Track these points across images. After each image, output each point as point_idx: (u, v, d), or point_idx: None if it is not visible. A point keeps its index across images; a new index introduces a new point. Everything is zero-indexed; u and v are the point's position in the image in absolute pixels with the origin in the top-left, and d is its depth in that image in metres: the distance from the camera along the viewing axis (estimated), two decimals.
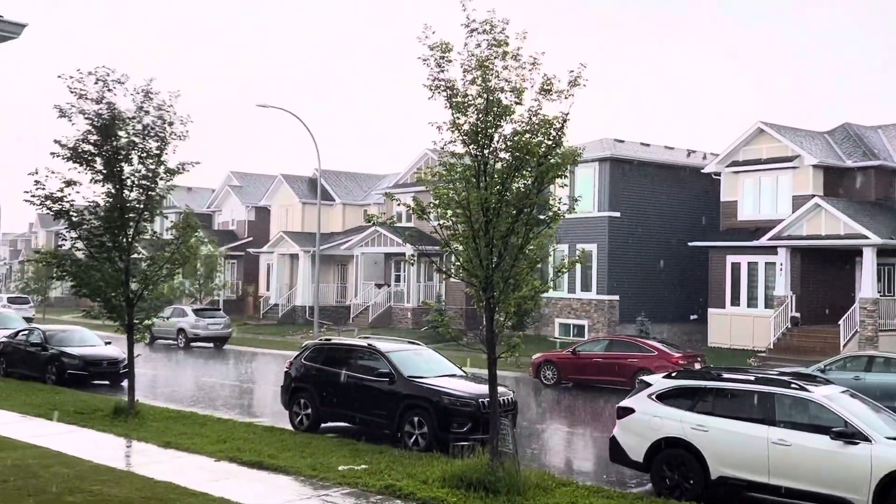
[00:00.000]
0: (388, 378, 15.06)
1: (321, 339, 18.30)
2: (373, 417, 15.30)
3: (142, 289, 17.07)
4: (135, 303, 17.02)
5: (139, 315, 17.35)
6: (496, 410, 12.11)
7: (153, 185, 16.87)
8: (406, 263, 41.89)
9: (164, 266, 17.50)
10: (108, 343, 24.49)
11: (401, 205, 12.32)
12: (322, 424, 16.23)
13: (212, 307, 43.73)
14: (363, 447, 14.10)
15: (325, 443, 14.64)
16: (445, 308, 36.71)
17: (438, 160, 12.43)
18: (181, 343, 36.56)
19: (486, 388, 12.65)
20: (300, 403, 16.33)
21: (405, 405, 14.66)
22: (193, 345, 36.44)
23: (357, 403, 15.52)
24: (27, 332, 24.98)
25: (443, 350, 20.42)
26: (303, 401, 16.29)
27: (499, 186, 11.44)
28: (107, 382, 23.28)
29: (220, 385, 24.37)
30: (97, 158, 16.49)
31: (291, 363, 17.11)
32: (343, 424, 16.15)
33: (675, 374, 12.91)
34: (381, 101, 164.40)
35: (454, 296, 39.79)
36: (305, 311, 46.66)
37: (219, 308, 45.21)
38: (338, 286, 51.02)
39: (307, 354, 16.92)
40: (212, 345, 36.76)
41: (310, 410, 16.16)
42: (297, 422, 16.29)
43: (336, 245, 47.48)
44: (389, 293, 44.83)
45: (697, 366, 21.94)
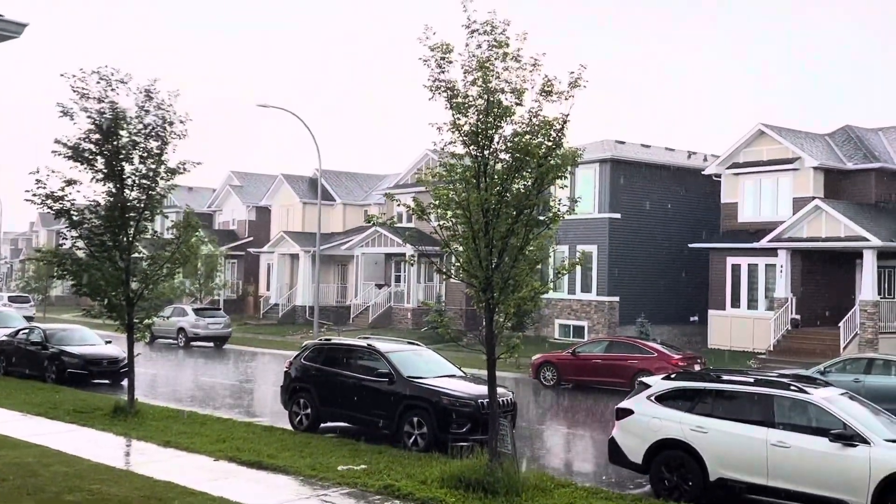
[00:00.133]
0: (388, 378, 15.07)
1: (321, 340, 18.31)
2: (372, 417, 15.31)
3: (142, 288, 17.09)
4: (135, 302, 17.04)
5: (139, 314, 17.36)
6: (495, 411, 12.12)
7: (154, 185, 16.88)
8: (406, 264, 41.94)
9: (165, 265, 17.51)
10: (109, 342, 24.50)
11: (401, 205, 12.33)
12: (321, 424, 16.24)
13: (212, 307, 43.75)
14: (362, 447, 14.12)
15: (325, 443, 14.65)
16: (445, 309, 36.73)
17: (439, 161, 12.44)
18: (181, 342, 36.57)
19: (486, 389, 12.66)
20: (300, 403, 16.34)
21: (404, 405, 14.67)
22: (193, 344, 36.46)
23: (356, 403, 15.53)
24: (28, 331, 25.01)
25: (443, 351, 20.43)
26: (302, 401, 16.30)
27: (499, 187, 11.45)
28: (107, 381, 23.30)
29: (220, 385, 24.38)
30: (98, 158, 16.50)
31: (291, 363, 17.13)
32: (342, 424, 16.16)
33: (675, 376, 12.93)
34: (383, 102, 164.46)
35: (454, 296, 39.80)
36: (305, 311, 46.67)
37: (219, 308, 45.23)
38: (338, 286, 51.03)
39: (307, 354, 16.93)
40: (212, 344, 36.77)
41: (309, 410, 16.17)
42: (297, 422, 16.30)
43: (336, 245, 47.50)
44: (390, 293, 44.84)
45: (697, 367, 21.93)
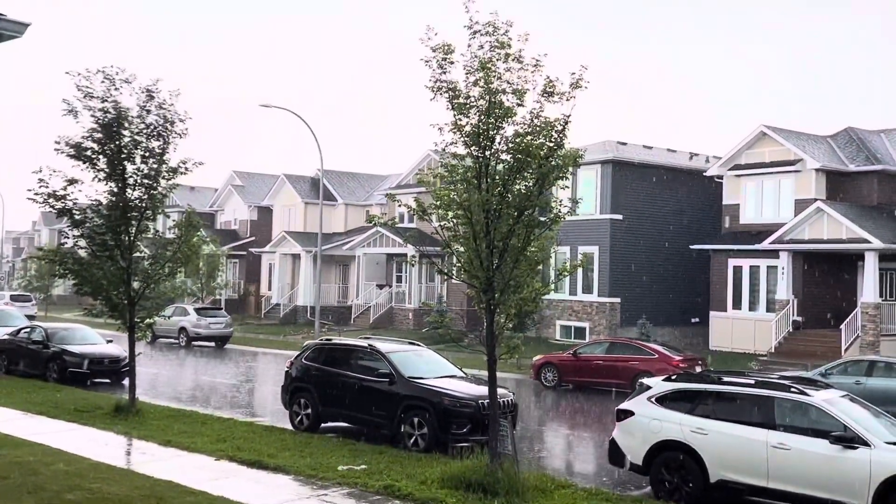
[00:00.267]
0: (389, 379, 15.07)
1: (322, 340, 18.32)
2: (372, 418, 15.31)
3: (143, 287, 17.10)
4: (136, 301, 17.05)
5: (141, 314, 17.37)
6: (496, 412, 12.12)
7: (155, 184, 16.89)
8: (408, 264, 41.94)
9: (166, 265, 17.53)
10: (110, 341, 24.52)
11: (402, 206, 12.35)
12: (322, 424, 16.25)
13: (213, 306, 43.78)
14: (363, 447, 14.12)
15: (325, 443, 14.66)
16: (447, 309, 36.71)
17: (440, 161, 12.45)
18: (182, 342, 36.60)
19: (486, 390, 12.66)
20: (300, 403, 16.35)
21: (405, 406, 14.68)
22: (195, 344, 36.48)
23: (357, 404, 15.53)
24: (29, 330, 25.04)
25: (444, 351, 20.46)
26: (303, 400, 16.31)
27: (500, 188, 11.45)
28: (108, 381, 23.31)
29: (221, 384, 24.39)
30: (100, 157, 16.52)
31: (292, 363, 17.14)
32: (343, 424, 16.18)
33: (675, 378, 12.92)
34: (385, 102, 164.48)
35: (456, 297, 39.79)
36: (307, 311, 46.68)
37: (220, 307, 45.26)
38: (339, 286, 51.05)
39: (308, 354, 16.94)
40: (213, 344, 36.79)
41: (310, 410, 16.18)
42: (297, 421, 16.31)
43: (338, 245, 47.52)
44: (391, 294, 44.85)
45: (698, 369, 21.92)
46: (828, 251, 30.13)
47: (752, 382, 11.85)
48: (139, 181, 16.74)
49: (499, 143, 11.57)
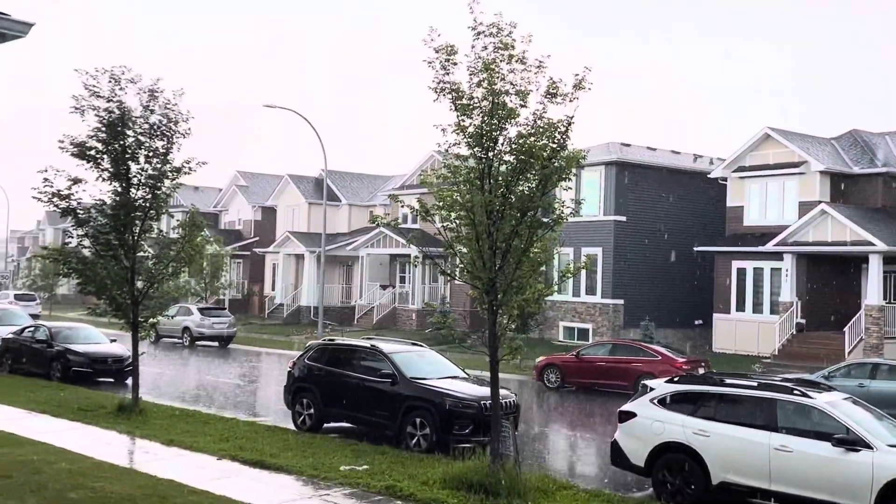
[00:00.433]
0: (391, 379, 15.08)
1: (324, 340, 18.34)
2: (375, 418, 15.33)
3: (147, 287, 17.14)
4: (140, 301, 17.09)
5: (144, 313, 17.41)
6: (497, 413, 12.12)
7: (159, 184, 16.92)
8: (411, 265, 41.96)
9: (170, 265, 17.57)
10: (114, 341, 24.56)
11: (405, 206, 12.36)
12: (324, 424, 16.26)
13: (217, 306, 43.83)
14: (365, 447, 14.13)
15: (328, 443, 14.67)
16: (450, 310, 36.71)
17: (443, 162, 12.46)
18: (186, 342, 36.65)
19: (489, 391, 12.66)
20: (303, 403, 16.36)
21: (407, 406, 14.68)
22: (198, 343, 36.52)
23: (359, 404, 15.55)
24: (33, 329, 25.08)
25: (447, 352, 20.46)
26: (305, 401, 16.33)
27: (503, 189, 11.46)
28: (111, 380, 23.35)
29: (224, 384, 24.42)
30: (104, 157, 16.56)
31: (295, 363, 17.16)
32: (345, 425, 16.19)
33: (678, 379, 12.90)
34: (389, 102, 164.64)
35: (459, 298, 39.79)
36: (310, 312, 46.71)
37: (224, 307, 45.29)
38: (343, 287, 51.07)
39: (310, 354, 16.96)
40: (216, 344, 36.83)
41: (312, 410, 16.19)
42: (300, 421, 16.32)
43: (341, 246, 47.54)
44: (394, 294, 44.86)
45: (701, 371, 21.90)
46: (832, 253, 30.08)
47: (755, 385, 11.83)
48: (143, 181, 16.78)
49: (502, 145, 11.58)
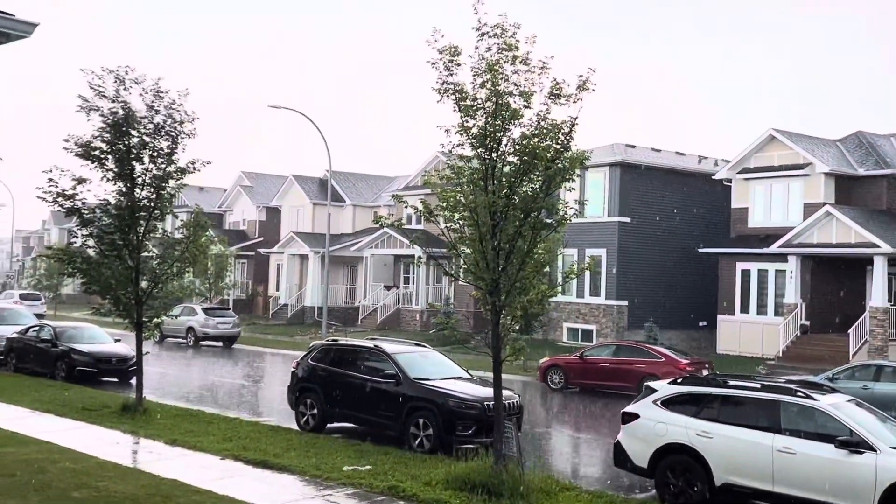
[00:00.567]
0: (394, 380, 15.09)
1: (328, 340, 18.36)
2: (378, 418, 15.34)
3: (151, 287, 17.17)
4: (144, 301, 17.12)
5: (148, 313, 17.44)
6: (500, 413, 12.12)
7: (164, 184, 16.95)
8: (415, 266, 41.97)
9: (174, 265, 17.59)
10: (118, 340, 24.61)
11: (408, 207, 12.37)
12: (328, 425, 16.27)
13: (221, 306, 43.87)
14: (368, 448, 14.15)
15: (331, 443, 14.69)
16: (453, 311, 36.72)
17: (447, 163, 12.47)
18: (190, 342, 36.69)
19: (492, 391, 12.66)
20: (306, 403, 16.38)
21: (410, 407, 14.69)
22: (202, 343, 36.56)
23: (363, 404, 15.56)
24: (38, 329, 25.14)
25: (451, 353, 20.47)
26: (309, 401, 16.34)
27: (506, 190, 11.46)
28: (115, 379, 23.39)
29: (228, 384, 24.46)
30: (109, 157, 16.59)
31: (298, 363, 17.17)
32: (348, 425, 16.20)
33: (681, 381, 12.88)
34: (392, 103, 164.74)
35: (462, 299, 39.80)
36: (314, 312, 46.76)
37: (228, 307, 45.38)
38: (347, 287, 51.12)
39: (314, 355, 16.98)
40: (221, 344, 36.87)
41: (316, 410, 16.21)
42: (303, 422, 16.34)
43: (346, 246, 47.58)
44: (398, 295, 44.89)
45: (705, 372, 21.88)
46: (836, 255, 30.03)
47: (758, 386, 11.82)
48: (148, 181, 16.81)
49: (505, 145, 11.59)
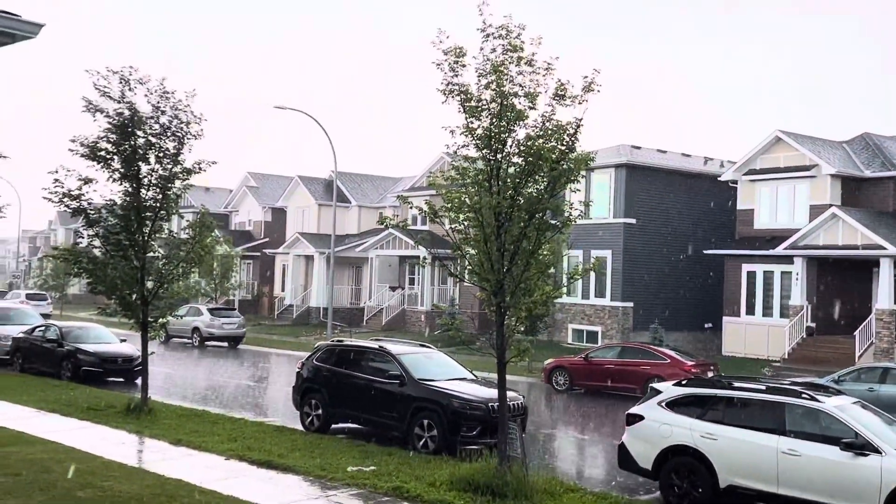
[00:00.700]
0: (399, 380, 15.10)
1: (333, 341, 18.38)
2: (382, 419, 15.34)
3: (157, 287, 17.20)
4: (150, 301, 17.15)
5: (154, 313, 17.47)
6: (505, 415, 12.12)
7: (170, 185, 16.99)
8: (420, 266, 41.97)
9: (180, 265, 17.62)
10: (124, 340, 24.66)
11: (413, 208, 12.37)
12: (332, 425, 16.29)
13: (227, 307, 43.96)
14: (372, 448, 14.16)
15: (335, 443, 14.71)
16: (458, 312, 36.70)
17: (451, 164, 12.47)
18: (196, 342, 36.76)
19: (496, 392, 12.65)
20: (311, 404, 16.40)
21: (415, 408, 14.69)
22: (208, 344, 36.64)
23: (367, 405, 15.57)
24: (44, 329, 25.21)
25: (455, 354, 20.46)
26: (313, 401, 16.36)
27: (511, 191, 11.46)
28: (121, 379, 23.45)
29: (233, 384, 24.50)
30: (115, 157, 16.63)
31: (303, 364, 17.20)
32: (353, 425, 16.21)
33: (686, 382, 12.86)
34: (400, 104, 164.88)
35: (468, 300, 39.78)
36: (320, 313, 46.79)
37: (234, 308, 45.45)
38: (352, 288, 51.15)
39: (319, 355, 16.99)
40: (226, 344, 36.94)
41: (320, 411, 16.22)
42: (308, 422, 16.35)
43: (351, 247, 47.60)
44: (403, 296, 44.89)
45: (710, 374, 21.85)
46: (842, 257, 29.95)
47: (763, 388, 11.80)
48: (154, 181, 16.85)
49: (510, 146, 11.59)
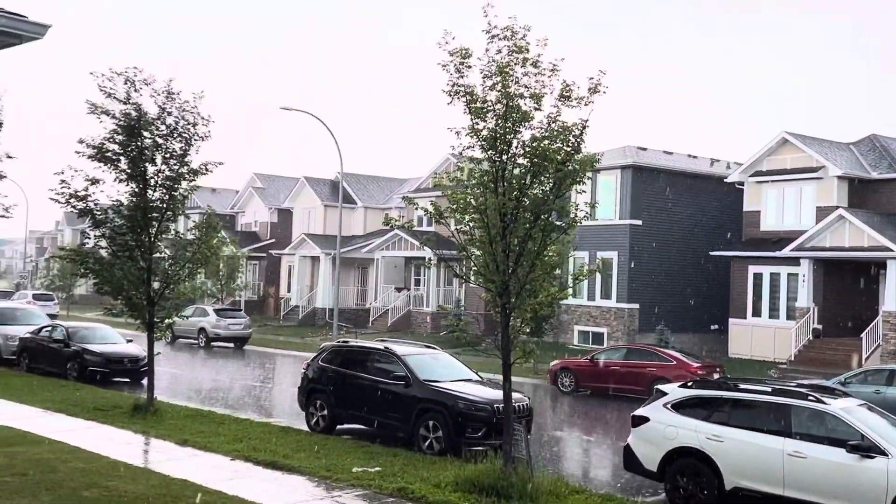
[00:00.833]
0: (404, 381, 15.11)
1: (338, 342, 18.39)
2: (388, 420, 15.35)
3: (163, 288, 17.24)
4: (156, 301, 17.20)
5: (160, 314, 17.51)
6: (510, 416, 12.11)
7: (176, 186, 17.03)
8: (426, 267, 41.98)
9: (186, 266, 17.66)
10: (130, 341, 24.72)
11: (419, 209, 12.38)
12: (338, 426, 16.31)
13: (233, 307, 44.01)
14: (377, 449, 14.17)
15: (340, 444, 14.72)
16: (464, 313, 36.70)
17: (457, 165, 12.49)
18: (202, 342, 36.83)
19: (502, 394, 12.65)
20: (316, 405, 16.42)
21: (420, 408, 14.70)
22: (214, 344, 36.70)
23: (372, 406, 15.58)
24: (50, 329, 25.29)
25: (461, 355, 20.46)
26: (319, 402, 16.38)
27: (517, 192, 11.46)
28: (127, 380, 23.51)
29: (239, 385, 24.53)
30: (122, 158, 16.67)
31: (309, 364, 17.22)
32: (358, 426, 16.22)
33: (691, 384, 12.84)
34: (406, 105, 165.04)
35: (473, 301, 39.77)
36: (325, 314, 46.83)
37: (240, 308, 45.51)
38: (358, 289, 51.18)
39: (324, 356, 17.01)
40: (232, 345, 37.00)
41: (326, 412, 16.24)
42: (313, 423, 16.37)
43: (357, 248, 47.64)
44: (409, 297, 44.91)
45: (716, 376, 21.80)
46: (849, 259, 29.83)
47: (769, 390, 11.77)
48: (160, 182, 16.89)
49: (516, 147, 11.59)
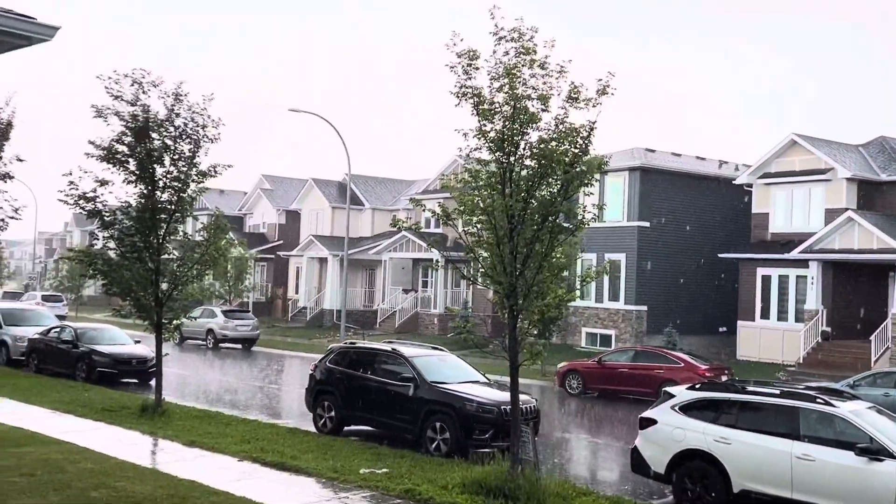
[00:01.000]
0: (412, 383, 15.11)
1: (346, 343, 18.41)
2: (395, 422, 15.36)
3: (171, 289, 17.29)
4: (164, 303, 17.25)
5: (168, 315, 17.56)
6: (517, 418, 12.10)
7: (185, 187, 17.08)
8: (433, 269, 41.98)
9: (194, 267, 17.70)
10: (138, 342, 24.81)
11: (426, 210, 12.39)
12: (345, 427, 16.32)
13: (241, 309, 44.12)
14: (385, 451, 14.17)
15: (348, 445, 14.73)
16: (471, 315, 36.68)
17: (464, 166, 12.48)
18: (210, 343, 36.93)
19: (509, 396, 12.64)
20: (324, 406, 16.44)
21: (427, 410, 14.70)
22: (222, 345, 36.79)
23: (380, 407, 15.59)
24: (59, 330, 25.39)
25: (468, 357, 20.45)
26: (326, 403, 16.40)
27: (524, 194, 11.44)
28: (135, 381, 23.58)
29: (247, 386, 24.58)
30: (130, 160, 16.73)
31: (316, 366, 17.24)
32: (366, 428, 16.23)
33: (699, 386, 12.82)
34: (414, 106, 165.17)
35: (481, 303, 39.75)
36: (333, 315, 46.90)
37: (248, 310, 45.58)
38: (365, 290, 51.22)
39: (332, 358, 17.03)
40: (240, 346, 37.09)
41: (333, 413, 16.26)
42: (321, 424, 16.39)
43: (364, 250, 47.69)
44: (416, 299, 44.92)
45: (724, 378, 21.73)
46: (858, 261, 29.72)
47: (777, 392, 11.74)
48: (169, 184, 16.94)
49: (523, 149, 11.57)
